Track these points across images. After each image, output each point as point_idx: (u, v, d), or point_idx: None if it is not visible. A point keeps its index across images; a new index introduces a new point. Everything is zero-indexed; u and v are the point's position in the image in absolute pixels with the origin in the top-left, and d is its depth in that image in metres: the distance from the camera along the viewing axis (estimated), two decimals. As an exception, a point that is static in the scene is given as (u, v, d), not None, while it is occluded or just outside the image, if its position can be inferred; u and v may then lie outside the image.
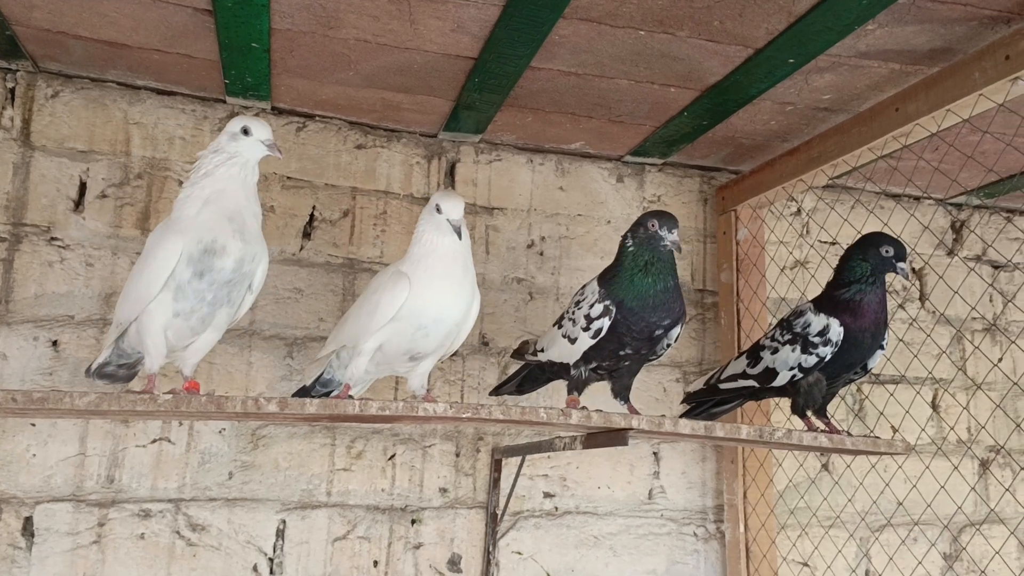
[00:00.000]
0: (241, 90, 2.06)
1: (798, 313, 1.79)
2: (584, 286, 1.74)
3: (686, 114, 2.10)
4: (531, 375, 1.94)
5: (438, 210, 1.58)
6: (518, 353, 1.95)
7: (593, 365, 1.70)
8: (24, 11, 1.75)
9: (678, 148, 2.35)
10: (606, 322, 1.62)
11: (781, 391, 1.84)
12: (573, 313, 1.70)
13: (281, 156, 1.56)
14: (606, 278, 1.68)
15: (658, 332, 1.64)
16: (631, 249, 1.65)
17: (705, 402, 1.98)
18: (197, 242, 1.43)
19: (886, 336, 1.79)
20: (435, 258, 1.58)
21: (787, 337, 1.77)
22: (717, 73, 1.88)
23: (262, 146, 1.52)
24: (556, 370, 1.83)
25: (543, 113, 2.15)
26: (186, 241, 1.43)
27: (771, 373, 1.79)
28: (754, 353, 1.85)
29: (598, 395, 1.79)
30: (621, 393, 1.74)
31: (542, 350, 1.82)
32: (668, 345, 1.70)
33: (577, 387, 1.74)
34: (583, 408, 1.58)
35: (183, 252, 1.42)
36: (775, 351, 1.78)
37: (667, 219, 1.61)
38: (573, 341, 1.68)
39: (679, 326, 1.67)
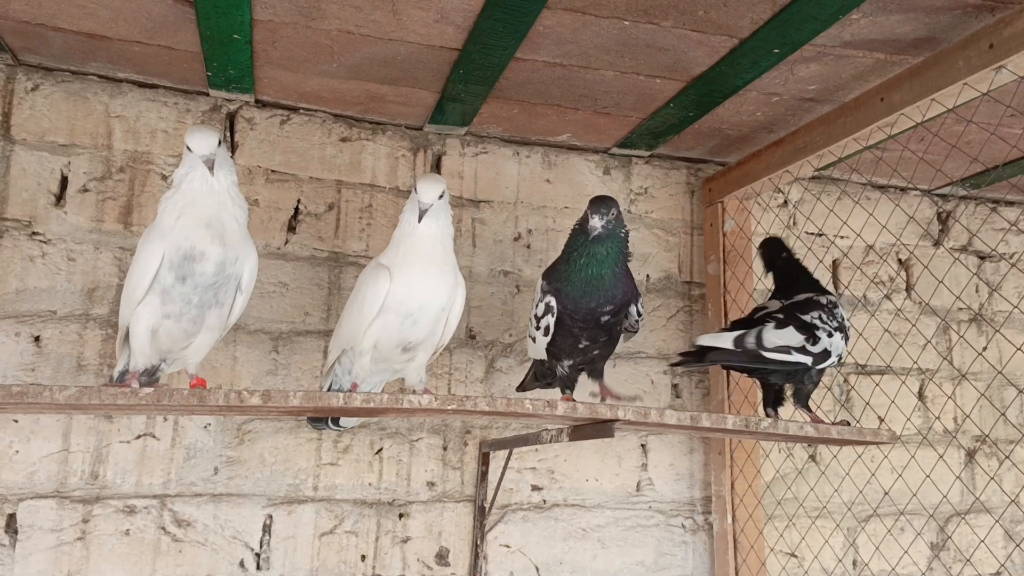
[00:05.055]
0: (224, 82, 2.04)
1: (832, 304, 1.80)
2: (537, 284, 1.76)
3: (672, 105, 2.09)
4: (537, 371, 1.95)
5: (415, 191, 1.60)
6: None
7: (569, 363, 1.72)
8: (2, 3, 1.73)
9: (665, 140, 2.35)
10: (551, 319, 1.65)
11: (788, 376, 1.80)
12: (531, 312, 1.74)
13: (213, 175, 1.48)
14: (549, 269, 1.71)
15: (605, 319, 1.65)
16: (574, 232, 1.68)
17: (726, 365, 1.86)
18: (176, 248, 1.46)
19: None
20: (412, 242, 1.59)
21: (834, 324, 1.77)
22: (702, 64, 1.87)
23: (199, 162, 1.48)
24: (542, 369, 1.85)
25: (529, 105, 2.14)
26: (166, 246, 1.46)
27: (826, 355, 1.75)
28: (807, 329, 1.73)
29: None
30: (593, 374, 1.76)
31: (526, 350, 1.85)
32: (631, 326, 1.70)
33: (568, 384, 1.75)
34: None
35: (164, 257, 1.45)
36: (830, 335, 1.76)
37: (595, 203, 1.61)
38: (535, 340, 1.72)
39: (632, 306, 1.68)
